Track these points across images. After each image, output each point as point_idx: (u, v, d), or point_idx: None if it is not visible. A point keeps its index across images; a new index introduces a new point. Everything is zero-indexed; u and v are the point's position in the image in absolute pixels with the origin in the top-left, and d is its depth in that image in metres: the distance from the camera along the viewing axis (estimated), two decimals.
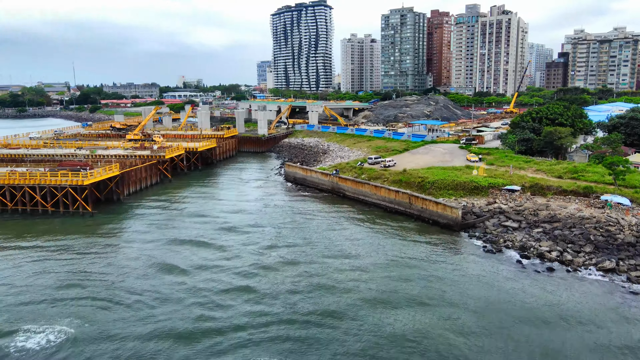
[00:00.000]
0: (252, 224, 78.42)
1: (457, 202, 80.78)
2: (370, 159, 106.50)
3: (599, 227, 68.20)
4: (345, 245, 67.99)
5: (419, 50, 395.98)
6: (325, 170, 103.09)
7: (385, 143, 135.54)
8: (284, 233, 74.13)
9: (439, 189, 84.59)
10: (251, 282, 55.47)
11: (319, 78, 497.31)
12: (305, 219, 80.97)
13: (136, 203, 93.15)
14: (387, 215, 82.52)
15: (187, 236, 72.82)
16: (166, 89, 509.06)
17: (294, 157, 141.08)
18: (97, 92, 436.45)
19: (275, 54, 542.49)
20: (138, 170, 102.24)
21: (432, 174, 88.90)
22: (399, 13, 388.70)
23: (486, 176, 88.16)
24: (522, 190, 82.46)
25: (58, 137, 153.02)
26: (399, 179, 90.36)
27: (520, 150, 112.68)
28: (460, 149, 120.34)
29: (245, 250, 66.13)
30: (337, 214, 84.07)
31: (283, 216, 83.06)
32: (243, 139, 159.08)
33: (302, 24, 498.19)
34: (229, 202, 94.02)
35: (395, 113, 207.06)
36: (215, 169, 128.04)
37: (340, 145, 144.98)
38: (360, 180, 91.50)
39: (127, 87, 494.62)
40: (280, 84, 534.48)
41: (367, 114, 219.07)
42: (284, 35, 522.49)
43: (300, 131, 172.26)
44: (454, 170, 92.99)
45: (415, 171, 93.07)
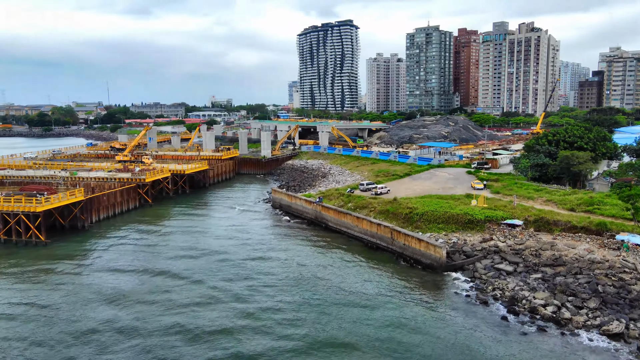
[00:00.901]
0: (219, 258, 69.86)
1: (447, 238, 70.15)
2: (361, 185, 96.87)
3: (611, 275, 56.51)
4: (308, 286, 58.44)
5: (445, 70, 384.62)
6: (310, 197, 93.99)
7: (388, 167, 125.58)
8: (248, 266, 65.49)
9: (428, 222, 74.16)
10: (185, 318, 46.55)
11: (344, 98, 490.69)
12: (274, 253, 71.82)
13: (103, 231, 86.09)
14: (366, 251, 72.52)
15: (141, 267, 64.87)
16: (192, 109, 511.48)
17: (291, 180, 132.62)
18: (124, 111, 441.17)
19: (302, 73, 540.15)
20: (111, 195, 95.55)
21: (424, 204, 78.54)
22: (424, 32, 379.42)
23: (485, 207, 77.19)
24: (524, 225, 71.20)
25: (55, 157, 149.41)
26: (386, 209, 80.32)
27: (533, 177, 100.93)
28: (468, 174, 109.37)
29: (198, 287, 57.58)
30: (312, 248, 74.58)
31: (253, 249, 74.18)
32: (243, 161, 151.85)
33: (327, 43, 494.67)
34: (204, 231, 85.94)
35: (411, 134, 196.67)
36: (205, 193, 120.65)
37: (342, 168, 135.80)
38: (342, 210, 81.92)
39: (154, 106, 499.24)
40: (306, 104, 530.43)
41: (383, 134, 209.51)
42: (310, 55, 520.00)
43: (306, 152, 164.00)
44: (451, 200, 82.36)
45: (406, 200, 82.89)
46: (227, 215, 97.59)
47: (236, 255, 71.33)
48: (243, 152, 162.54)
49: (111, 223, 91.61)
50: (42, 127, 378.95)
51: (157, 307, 53.43)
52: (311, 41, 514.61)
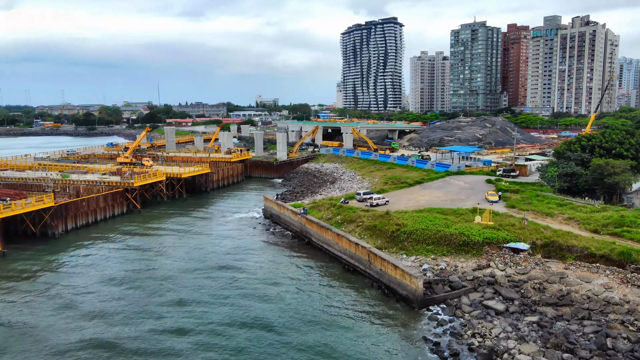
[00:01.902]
0: (174, 273, 62.17)
1: (435, 262, 59.13)
2: (358, 195, 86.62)
3: (629, 323, 44.25)
4: (257, 311, 49.48)
5: (492, 68, 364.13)
6: (298, 207, 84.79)
7: (403, 173, 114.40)
8: (206, 284, 57.52)
9: (416, 242, 63.27)
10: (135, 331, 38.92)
11: (386, 98, 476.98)
12: (242, 273, 63.25)
13: (73, 240, 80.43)
14: (342, 274, 62.59)
15: (91, 286, 58.25)
16: (234, 108, 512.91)
17: (299, 185, 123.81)
18: (167, 111, 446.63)
19: (345, 73, 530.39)
20: (92, 200, 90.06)
21: (416, 221, 67.55)
22: (469, 28, 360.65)
23: (490, 225, 65.32)
24: (531, 249, 59.10)
25: (67, 157, 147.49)
26: (374, 225, 69.95)
27: (561, 188, 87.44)
28: (486, 184, 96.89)
29: (149, 305, 49.94)
30: (283, 267, 65.40)
31: (217, 265, 65.97)
32: (254, 164, 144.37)
33: (371, 42, 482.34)
34: (174, 244, 78.61)
35: (442, 136, 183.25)
36: (203, 199, 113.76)
37: (356, 173, 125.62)
38: (324, 224, 72.15)
39: (196, 106, 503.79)
40: (349, 104, 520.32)
41: (413, 136, 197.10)
42: (353, 54, 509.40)
43: (324, 155, 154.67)
44: (451, 215, 70.85)
45: (400, 214, 72.10)
46: (210, 224, 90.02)
47: (195, 272, 63.35)
48: (259, 154, 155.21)
49: (87, 231, 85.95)
50: (86, 126, 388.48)
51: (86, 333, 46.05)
52: (354, 40, 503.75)
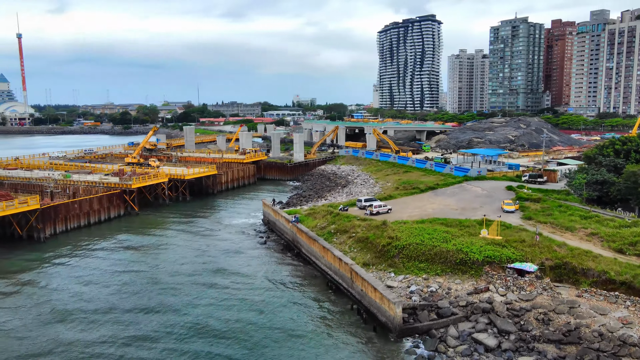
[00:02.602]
0: (151, 285, 57.33)
1: (426, 283, 51.72)
2: (359, 201, 79.66)
3: None
4: (223, 332, 43.82)
5: (534, 66, 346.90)
6: (293, 213, 78.66)
7: (418, 177, 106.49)
8: (173, 297, 52.21)
9: (407, 258, 55.96)
10: None
11: (423, 97, 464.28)
12: (211, 289, 57.81)
13: (58, 244, 77.21)
14: (324, 292, 56.09)
15: (63, 297, 54.03)
16: (269, 108, 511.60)
17: (310, 188, 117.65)
18: (201, 110, 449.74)
19: (381, 72, 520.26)
20: (85, 202, 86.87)
21: (412, 233, 60.10)
22: (510, 24, 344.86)
23: (497, 240, 57.22)
24: (540, 271, 50.85)
25: (83, 157, 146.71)
26: (366, 237, 62.99)
27: (590, 198, 77.84)
28: (506, 191, 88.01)
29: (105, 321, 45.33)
30: (264, 282, 59.45)
31: (197, 277, 60.76)
32: (268, 165, 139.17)
33: (408, 40, 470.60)
34: (168, 248, 74.15)
35: (472, 137, 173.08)
36: (207, 201, 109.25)
37: (370, 176, 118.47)
38: (312, 235, 65.73)
39: (231, 105, 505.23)
40: (385, 104, 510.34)
41: (441, 137, 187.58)
42: (389, 53, 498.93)
43: (343, 157, 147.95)
44: (453, 228, 62.97)
45: (398, 225, 64.83)
46: (203, 230, 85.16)
47: (167, 282, 58.33)
48: (276, 154, 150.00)
49: (77, 234, 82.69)
50: (123, 125, 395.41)
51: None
52: (391, 38, 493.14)
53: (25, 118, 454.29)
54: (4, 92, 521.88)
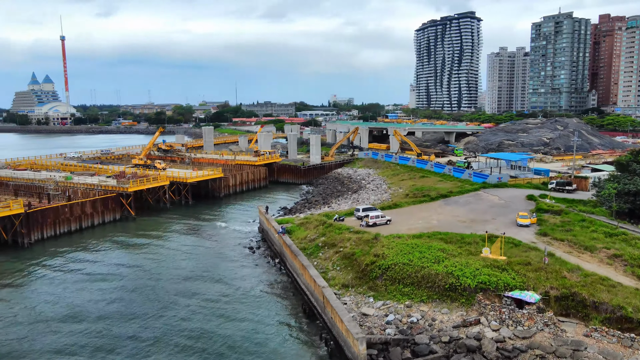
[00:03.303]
0: (120, 298, 52.98)
1: (407, 312, 44.75)
2: (357, 210, 72.92)
3: None
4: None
5: (578, 63, 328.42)
6: (283, 222, 72.79)
7: (434, 183, 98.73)
8: (137, 308, 47.49)
9: (391, 280, 49.03)
10: None
11: (460, 97, 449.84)
12: (172, 310, 52.76)
13: (46, 249, 74.28)
14: (296, 315, 49.93)
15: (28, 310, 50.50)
16: (303, 107, 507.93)
17: (319, 193, 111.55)
18: (235, 110, 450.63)
19: (418, 72, 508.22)
20: (76, 206, 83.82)
21: (401, 251, 52.98)
22: (553, 20, 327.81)
23: (501, 261, 49.49)
24: (543, 302, 43.06)
25: (99, 157, 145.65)
26: (352, 253, 56.37)
27: (621, 210, 68.51)
28: (527, 200, 79.46)
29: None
30: (235, 298, 53.85)
31: (169, 289, 55.96)
32: (282, 167, 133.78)
33: (446, 39, 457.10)
34: (150, 256, 69.91)
35: (502, 140, 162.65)
36: (210, 206, 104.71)
37: (385, 181, 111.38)
38: (295, 249, 59.63)
39: (264, 105, 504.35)
40: (421, 104, 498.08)
41: (471, 139, 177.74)
42: (427, 52, 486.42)
43: (361, 159, 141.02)
44: (452, 245, 55.50)
45: (390, 240, 57.84)
46: (193, 237, 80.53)
47: (141, 294, 53.74)
48: (292, 156, 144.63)
49: (66, 240, 79.59)
50: (157, 124, 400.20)
51: None
52: (428, 37, 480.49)
53: (67, 118, 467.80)
54: (48, 92, 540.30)
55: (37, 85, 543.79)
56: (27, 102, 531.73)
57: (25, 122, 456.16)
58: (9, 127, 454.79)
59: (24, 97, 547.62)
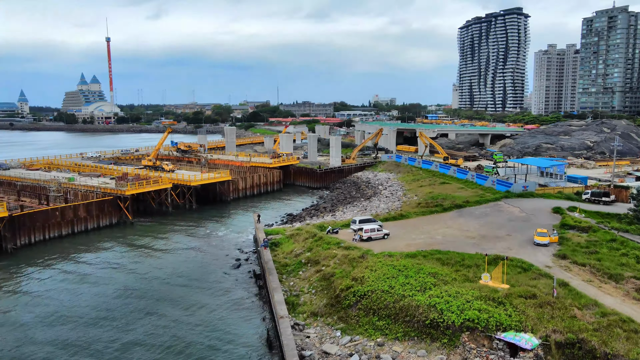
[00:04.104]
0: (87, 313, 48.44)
1: (376, 352, 37.53)
2: (353, 222, 65.73)
3: None
4: None
5: (634, 61, 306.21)
6: (272, 233, 66.55)
7: (453, 190, 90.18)
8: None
9: (365, 311, 41.83)
10: None
11: (505, 97, 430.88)
12: (126, 333, 47.52)
13: (30, 255, 71.07)
14: (261, 348, 43.49)
15: None
16: (342, 108, 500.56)
17: (330, 199, 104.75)
18: (273, 110, 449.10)
19: (461, 71, 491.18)
20: (67, 209, 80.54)
21: (386, 274, 45.56)
22: (606, 15, 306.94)
23: (503, 290, 41.46)
24: (541, 349, 34.88)
25: (117, 157, 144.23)
26: (332, 274, 49.44)
27: None
28: (552, 213, 70.14)
29: None
30: (196, 320, 48.07)
31: (138, 309, 50.93)
32: (298, 170, 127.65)
33: (490, 36, 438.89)
34: (132, 264, 65.42)
35: (540, 143, 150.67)
36: (214, 210, 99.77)
37: (403, 187, 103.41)
38: (270, 266, 53.33)
39: (302, 105, 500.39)
40: (464, 104, 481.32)
41: (507, 142, 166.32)
42: (470, 50, 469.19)
43: (384, 163, 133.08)
44: (455, 267, 47.69)
45: (379, 259, 50.44)
46: (187, 245, 75.39)
47: (102, 309, 48.89)
48: (312, 159, 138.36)
49: (53, 245, 76.21)
50: (195, 124, 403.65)
51: None
52: (472, 34, 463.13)
53: (111, 117, 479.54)
54: (95, 92, 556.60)
55: (85, 86, 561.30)
56: (75, 102, 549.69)
57: (72, 121, 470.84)
58: (57, 125, 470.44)
59: (73, 97, 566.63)
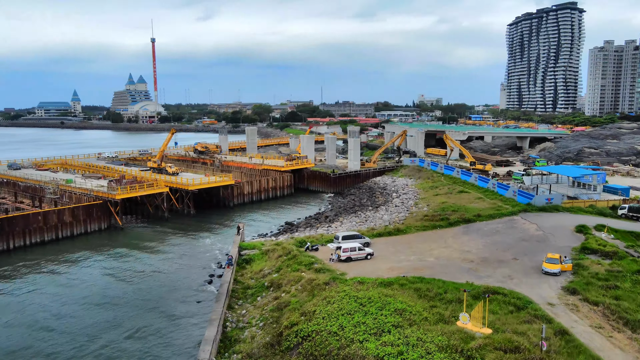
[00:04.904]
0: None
1: None
2: (336, 238, 58.08)
3: None
4: None
5: None
6: (246, 248, 59.83)
7: (469, 201, 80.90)
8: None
9: (306, 357, 34.32)
10: None
11: (556, 97, 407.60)
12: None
13: (5, 263, 67.73)
14: None
15: None
16: (383, 108, 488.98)
17: (337, 207, 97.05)
18: (312, 110, 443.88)
19: (510, 69, 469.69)
20: (50, 214, 76.95)
21: (341, 309, 37.86)
22: None
23: (484, 334, 33.12)
24: None
25: (134, 158, 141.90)
26: (288, 303, 42.20)
27: None
28: (575, 233, 60.02)
29: None
30: (137, 350, 42.11)
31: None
32: (312, 174, 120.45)
33: (541, 33, 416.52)
34: (107, 277, 60.66)
35: (583, 147, 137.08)
36: (214, 216, 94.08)
37: (417, 194, 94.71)
38: (222, 290, 46.52)
39: (342, 105, 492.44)
40: (512, 104, 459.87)
41: (547, 145, 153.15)
42: (519, 48, 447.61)
43: (406, 167, 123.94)
44: (432, 302, 39.41)
45: (342, 289, 42.76)
46: (170, 255, 69.93)
47: (46, 325, 43.93)
48: (330, 162, 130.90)
49: (34, 251, 72.81)
50: (233, 123, 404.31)
51: None
52: (522, 31, 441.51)
53: (154, 116, 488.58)
54: (141, 92, 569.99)
55: (132, 86, 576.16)
56: (123, 101, 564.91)
57: (118, 119, 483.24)
58: (104, 124, 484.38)
59: (121, 97, 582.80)
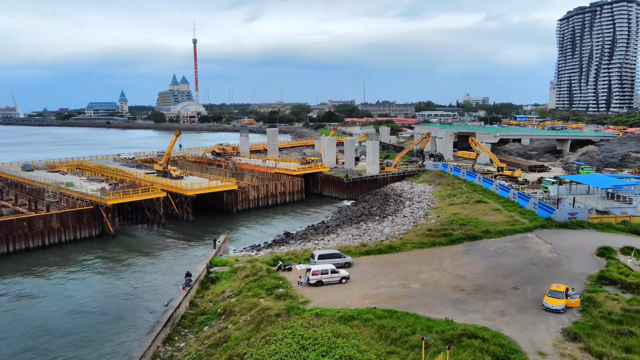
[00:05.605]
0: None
1: None
2: (312, 257, 51.58)
3: None
4: None
5: None
6: (220, 264, 54.23)
7: (484, 212, 72.52)
8: None
9: None
10: None
11: (610, 96, 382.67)
12: None
13: None
14: None
15: None
16: (424, 107, 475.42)
17: (343, 216, 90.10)
18: (350, 110, 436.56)
19: (560, 67, 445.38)
20: (36, 220, 74.21)
21: (276, 352, 31.59)
22: None
23: None
24: None
25: (151, 159, 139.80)
26: (227, 338, 36.17)
27: None
28: (596, 257, 51.15)
29: None
30: None
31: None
32: (325, 179, 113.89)
33: (595, 28, 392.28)
34: (80, 285, 56.92)
35: (628, 152, 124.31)
36: (213, 223, 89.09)
37: (431, 203, 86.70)
38: (161, 319, 40.94)
39: (382, 105, 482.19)
40: (562, 103, 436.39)
41: (590, 149, 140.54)
42: (571, 44, 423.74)
43: (428, 172, 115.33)
44: (387, 348, 32.56)
45: (292, 323, 36.48)
46: (147, 267, 65.57)
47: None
48: (349, 166, 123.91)
49: (18, 259, 70.25)
50: (269, 123, 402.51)
51: None
52: (574, 26, 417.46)
53: (194, 116, 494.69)
54: (184, 92, 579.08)
55: (176, 86, 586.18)
56: (166, 102, 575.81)
57: (161, 119, 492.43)
58: (147, 124, 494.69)
59: (165, 97, 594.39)
